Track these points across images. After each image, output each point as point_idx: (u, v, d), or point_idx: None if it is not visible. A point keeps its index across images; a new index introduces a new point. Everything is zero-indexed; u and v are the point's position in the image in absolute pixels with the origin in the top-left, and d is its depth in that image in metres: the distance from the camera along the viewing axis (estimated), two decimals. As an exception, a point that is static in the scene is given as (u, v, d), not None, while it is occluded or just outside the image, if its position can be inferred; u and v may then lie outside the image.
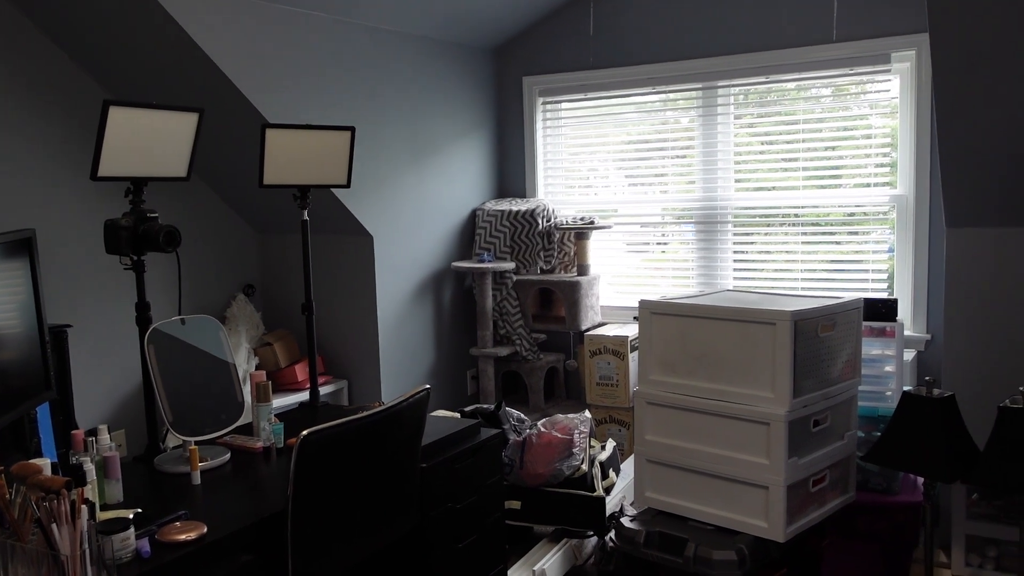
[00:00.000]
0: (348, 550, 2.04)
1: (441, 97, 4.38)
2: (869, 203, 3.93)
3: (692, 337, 2.83)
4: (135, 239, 2.28)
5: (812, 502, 2.82)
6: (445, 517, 2.42)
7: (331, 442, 1.90)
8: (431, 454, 2.41)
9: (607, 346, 4.12)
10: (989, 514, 2.78)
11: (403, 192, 4.16)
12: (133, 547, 1.72)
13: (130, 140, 2.24)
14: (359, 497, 2.02)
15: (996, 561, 2.80)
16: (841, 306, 2.86)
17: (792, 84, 4.07)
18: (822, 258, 4.07)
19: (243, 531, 1.89)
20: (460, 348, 4.61)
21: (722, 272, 4.33)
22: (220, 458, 2.33)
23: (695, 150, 4.35)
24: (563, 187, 4.77)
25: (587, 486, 3.27)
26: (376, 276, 4.03)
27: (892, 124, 3.86)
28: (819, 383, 2.77)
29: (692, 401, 2.83)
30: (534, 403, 4.43)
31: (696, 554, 2.68)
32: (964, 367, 2.98)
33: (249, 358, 3.90)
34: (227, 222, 4.11)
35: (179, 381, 2.29)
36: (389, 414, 2.04)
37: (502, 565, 2.71)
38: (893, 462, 2.72)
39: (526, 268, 4.50)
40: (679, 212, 4.43)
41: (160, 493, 2.14)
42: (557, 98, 4.69)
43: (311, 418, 2.76)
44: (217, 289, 4.07)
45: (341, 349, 4.17)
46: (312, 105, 3.60)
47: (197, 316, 2.41)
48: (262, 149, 2.71)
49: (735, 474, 2.74)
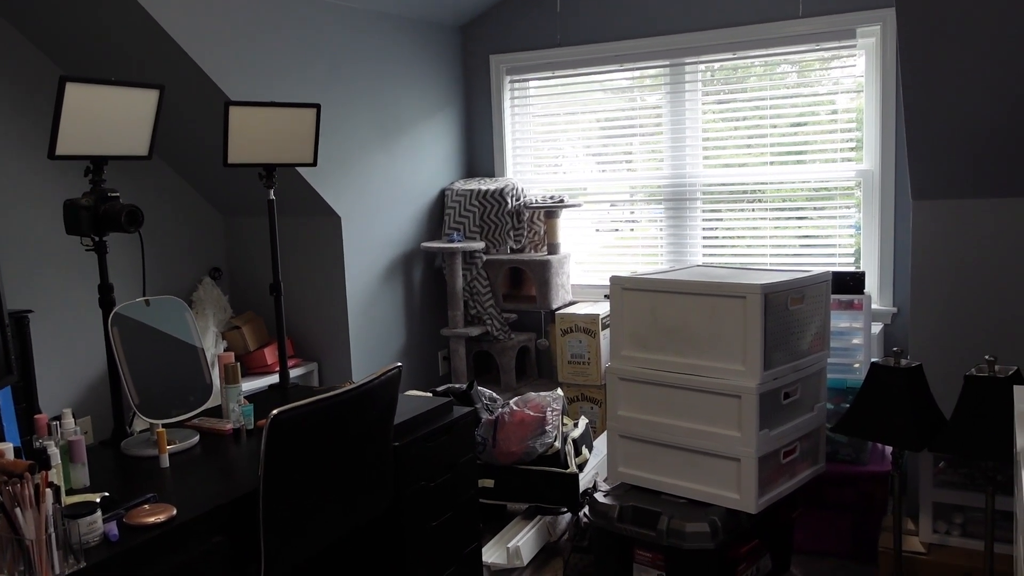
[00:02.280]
0: (321, 529, 2.02)
1: (408, 76, 4.33)
2: (836, 178, 3.96)
3: (663, 312, 2.83)
4: (96, 219, 2.23)
5: (783, 473, 2.85)
6: (419, 495, 2.41)
7: (302, 421, 1.87)
8: (403, 433, 2.39)
9: (578, 324, 4.12)
10: (956, 481, 2.82)
11: (371, 172, 4.11)
12: (100, 531, 1.69)
13: (89, 118, 2.19)
14: (331, 476, 2.00)
15: (962, 527, 2.84)
16: (810, 279, 2.88)
17: (759, 63, 4.08)
18: (790, 235, 4.09)
19: (214, 512, 1.87)
20: (431, 329, 4.59)
21: (691, 249, 4.35)
22: (189, 441, 2.30)
23: (663, 129, 4.35)
24: (532, 167, 4.75)
25: (560, 463, 3.28)
26: (345, 257, 3.99)
27: (857, 104, 3.89)
28: (789, 356, 2.79)
29: (664, 376, 2.84)
30: (506, 383, 4.42)
31: (669, 527, 2.69)
32: (931, 338, 3.01)
33: (217, 342, 3.85)
34: (192, 205, 4.04)
35: (145, 363, 2.25)
36: (361, 392, 2.01)
37: (476, 543, 2.71)
38: (862, 432, 2.75)
39: (496, 248, 4.48)
40: (648, 190, 4.43)
41: (127, 477, 2.10)
42: (524, 76, 4.66)
43: (281, 399, 2.73)
44: (183, 273, 4.01)
45: (310, 332, 4.13)
46: (275, 84, 3.54)
47: (162, 297, 2.36)
48: (226, 127, 2.66)
49: (707, 447, 2.76)
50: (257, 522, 1.86)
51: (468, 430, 2.68)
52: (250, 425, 2.44)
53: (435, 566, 2.50)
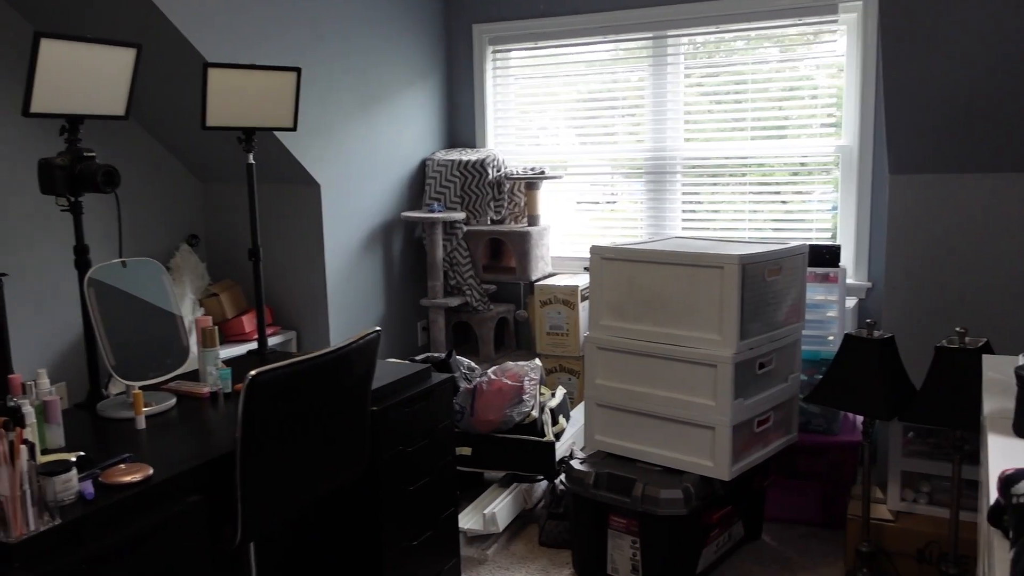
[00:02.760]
0: (298, 492, 2.03)
1: (390, 43, 4.29)
2: (815, 153, 3.98)
3: (642, 282, 2.85)
4: (72, 179, 2.21)
5: (756, 442, 2.89)
6: (396, 460, 2.42)
7: (280, 383, 1.88)
8: (381, 398, 2.40)
9: (557, 296, 4.14)
10: (923, 451, 2.87)
11: (351, 140, 4.09)
12: (76, 489, 1.69)
13: (64, 75, 2.16)
14: (309, 439, 2.01)
15: (929, 496, 2.90)
16: (787, 251, 2.91)
17: (741, 39, 4.08)
18: (769, 210, 4.12)
19: (190, 472, 1.87)
20: (410, 299, 4.59)
21: (671, 223, 4.37)
22: (165, 403, 2.30)
23: (645, 102, 4.34)
24: (513, 139, 4.73)
25: (537, 432, 3.31)
26: (324, 226, 3.98)
27: (838, 84, 3.90)
28: (765, 326, 2.82)
29: (641, 345, 2.86)
30: (484, 353, 4.44)
31: (644, 493, 2.73)
32: (904, 310, 3.05)
33: (195, 309, 3.83)
34: (168, 170, 4.00)
35: (121, 325, 2.24)
36: (339, 355, 2.02)
37: (453, 509, 2.73)
38: (834, 402, 2.79)
39: (476, 218, 4.48)
40: (629, 165, 4.43)
41: (103, 438, 2.10)
42: (507, 47, 4.64)
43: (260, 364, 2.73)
44: (160, 240, 3.98)
45: (289, 300, 4.12)
46: (254, 47, 3.50)
47: (139, 259, 2.35)
48: (204, 90, 2.63)
49: (683, 415, 2.79)
50: (234, 483, 1.87)
51: (446, 397, 2.69)
52: (227, 389, 2.44)
53: (411, 530, 2.52)
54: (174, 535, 1.77)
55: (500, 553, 3.18)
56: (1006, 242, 2.90)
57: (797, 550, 3.14)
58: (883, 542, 2.88)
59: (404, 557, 2.48)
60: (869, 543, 2.83)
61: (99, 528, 1.65)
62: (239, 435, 1.83)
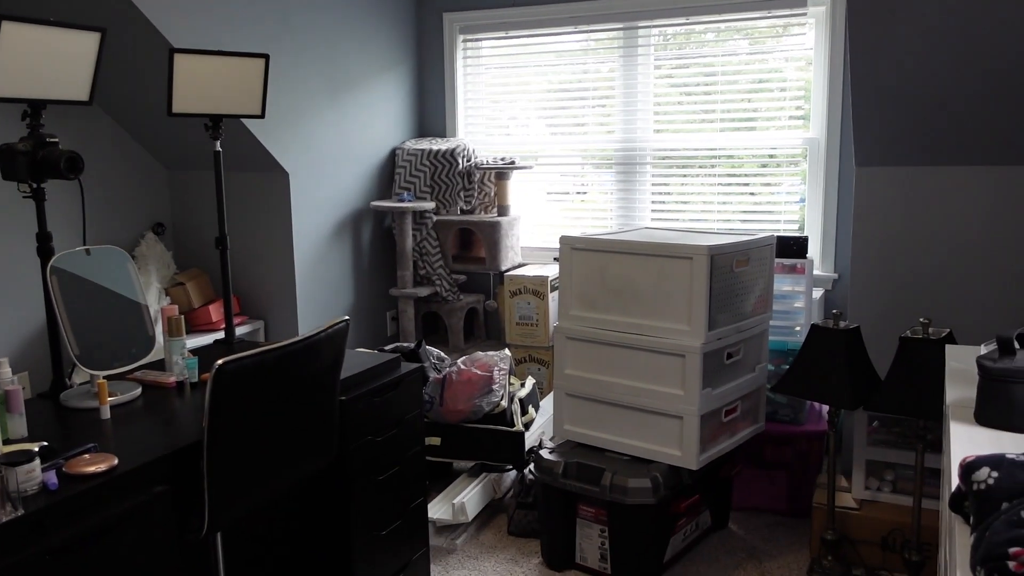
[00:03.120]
0: (266, 481, 2.01)
1: (360, 31, 4.26)
2: (783, 145, 4.02)
3: (611, 272, 2.86)
4: (34, 165, 2.16)
5: (724, 431, 2.91)
6: (365, 450, 2.41)
7: (248, 372, 1.86)
8: (350, 387, 2.39)
9: (527, 286, 4.14)
10: (888, 440, 2.92)
11: (320, 129, 4.05)
12: (39, 479, 1.66)
13: (26, 59, 2.11)
14: (277, 428, 2.00)
15: (893, 484, 2.95)
16: (755, 242, 2.93)
17: (711, 31, 4.10)
18: (736, 207, 4.15)
19: (156, 463, 1.85)
20: (380, 288, 4.57)
21: (640, 214, 4.39)
22: (131, 393, 2.26)
23: (615, 96, 4.35)
24: (483, 130, 4.72)
25: (507, 422, 3.31)
26: (292, 215, 3.94)
27: (806, 77, 3.94)
28: (733, 317, 2.85)
29: (610, 335, 2.88)
30: (454, 343, 4.43)
31: (613, 482, 2.74)
32: (869, 300, 3.09)
33: (160, 298, 3.78)
34: (133, 157, 3.94)
35: (85, 313, 2.20)
36: (307, 344, 2.00)
37: (422, 498, 2.73)
38: (800, 391, 2.82)
39: (446, 208, 4.47)
40: (599, 156, 4.44)
41: (67, 428, 2.06)
42: (478, 36, 4.62)
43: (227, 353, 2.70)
44: (125, 228, 3.92)
45: (257, 289, 4.08)
46: (222, 33, 3.45)
47: (103, 247, 2.31)
48: (170, 76, 2.59)
49: (651, 405, 2.81)
50: (200, 473, 1.85)
51: (416, 386, 2.68)
52: (194, 378, 2.41)
53: (380, 520, 2.51)
54: (140, 525, 1.75)
55: (469, 543, 3.19)
56: (969, 234, 2.95)
57: (763, 538, 3.18)
58: (848, 530, 2.93)
59: (373, 547, 2.48)
60: (834, 531, 2.88)
61: (63, 519, 1.63)
62: (206, 425, 1.81)
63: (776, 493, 3.34)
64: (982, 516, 1.17)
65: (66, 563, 1.59)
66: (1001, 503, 1.16)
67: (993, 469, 1.21)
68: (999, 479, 1.20)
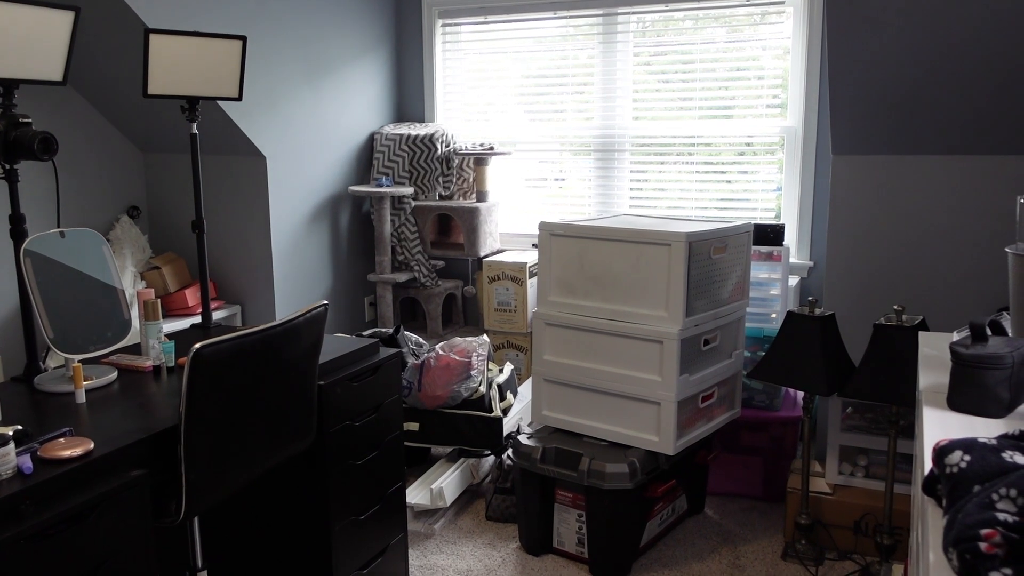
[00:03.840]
0: (243, 466, 2.01)
1: (338, 14, 4.22)
2: (760, 133, 4.04)
3: (590, 258, 2.87)
4: (7, 146, 2.13)
5: (701, 417, 2.94)
6: (342, 434, 2.41)
7: (225, 356, 1.85)
8: (328, 372, 2.38)
9: (506, 272, 4.14)
10: (861, 426, 2.96)
11: (298, 113, 4.02)
12: (13, 463, 1.65)
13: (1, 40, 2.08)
14: (254, 413, 1.99)
15: (866, 469, 2.99)
16: (733, 229, 2.95)
17: (689, 19, 4.11)
18: (713, 195, 4.17)
19: (133, 447, 1.83)
20: (358, 274, 4.55)
21: (619, 202, 4.40)
22: (106, 377, 2.24)
23: (594, 83, 4.35)
24: (462, 114, 4.70)
25: (485, 407, 3.32)
26: (270, 199, 3.91)
27: (784, 65, 3.96)
28: (710, 303, 2.87)
29: (589, 321, 2.89)
30: (432, 329, 4.43)
31: (590, 468, 2.76)
32: (844, 288, 3.13)
33: (136, 282, 3.74)
34: (108, 139, 3.89)
35: (59, 297, 2.17)
36: (285, 329, 1.99)
37: (400, 483, 2.73)
38: (776, 378, 2.85)
39: (425, 194, 4.45)
40: (577, 143, 4.44)
41: (42, 412, 2.04)
42: (457, 20, 4.60)
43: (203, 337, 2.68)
44: (99, 211, 3.87)
45: (234, 274, 4.05)
46: (198, 14, 3.41)
47: (77, 229, 2.28)
48: (146, 57, 2.56)
49: (629, 391, 2.83)
50: (177, 458, 1.84)
51: (394, 371, 2.68)
52: (171, 363, 2.39)
53: (358, 505, 2.51)
54: (116, 510, 1.74)
55: (447, 528, 3.20)
56: (943, 222, 2.99)
57: (738, 523, 3.22)
58: (821, 514, 2.96)
59: (351, 531, 2.48)
60: (808, 515, 2.91)
61: (38, 503, 1.61)
62: (183, 409, 1.80)
63: (751, 478, 3.37)
64: (954, 499, 1.19)
65: (41, 548, 1.58)
66: (973, 486, 1.18)
67: (965, 453, 1.23)
68: (971, 462, 1.22)
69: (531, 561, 2.96)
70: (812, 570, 2.87)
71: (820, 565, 2.90)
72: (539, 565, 2.93)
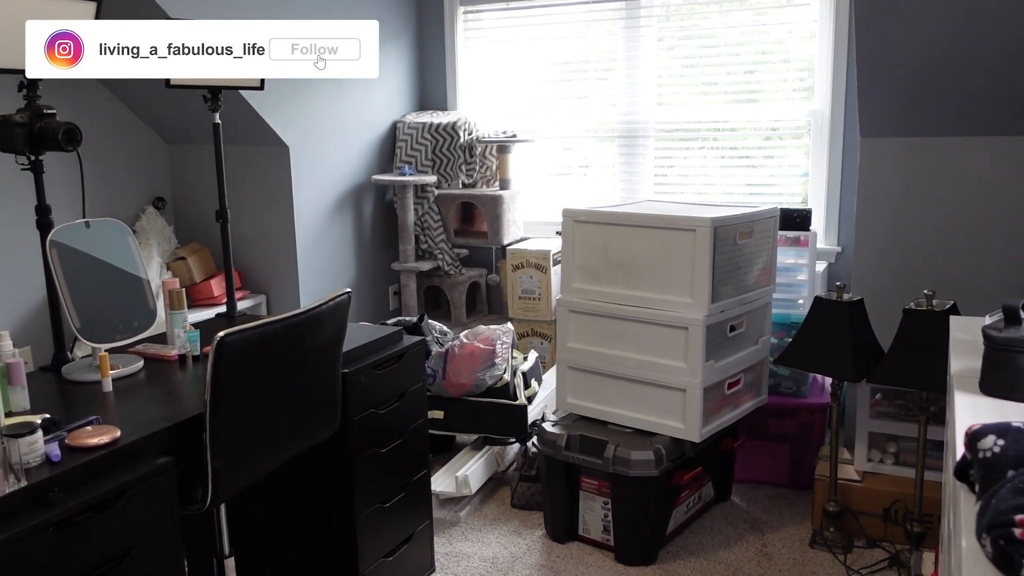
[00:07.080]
0: (268, 454, 2.01)
1: (359, 2, 4.21)
2: (786, 118, 3.98)
3: (614, 245, 2.85)
4: (32, 137, 2.14)
5: (726, 404, 2.91)
6: (367, 422, 2.41)
7: (249, 345, 1.85)
8: (353, 360, 2.38)
9: (529, 260, 4.13)
10: (890, 412, 2.92)
11: (320, 102, 4.02)
12: (42, 451, 1.66)
13: (20, 29, 2.09)
14: (279, 401, 1.99)
15: (896, 456, 2.95)
16: (759, 214, 2.91)
17: (713, 6, 4.05)
18: (739, 180, 4.12)
19: (159, 434, 1.85)
20: (381, 263, 4.56)
21: (643, 189, 4.36)
22: (133, 366, 2.26)
23: (617, 69, 4.31)
24: (485, 102, 4.68)
25: (509, 395, 3.31)
26: (293, 189, 3.92)
27: (810, 49, 3.89)
28: (736, 289, 2.84)
29: (613, 308, 2.87)
30: (456, 318, 4.43)
31: (616, 455, 2.75)
32: (873, 273, 3.08)
33: (161, 272, 3.77)
34: (133, 131, 3.91)
35: (86, 287, 2.19)
36: (309, 317, 1.99)
37: (425, 471, 2.73)
38: (803, 364, 2.82)
39: (448, 182, 4.44)
40: (601, 130, 4.41)
41: (69, 401, 2.06)
42: (478, 7, 4.57)
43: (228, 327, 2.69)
44: (125, 202, 3.90)
45: (258, 264, 4.07)
46: (218, 2, 3.41)
47: (103, 219, 2.30)
48: (168, 46, 2.56)
49: (654, 378, 2.81)
50: (203, 446, 1.85)
51: (418, 359, 2.68)
52: (196, 352, 2.40)
53: (384, 492, 2.52)
54: (143, 497, 1.75)
55: (472, 515, 3.20)
56: (973, 205, 2.93)
57: (766, 510, 3.19)
58: (850, 502, 2.93)
59: (376, 519, 2.48)
60: (836, 503, 2.88)
61: (66, 491, 1.63)
62: (208, 397, 1.80)
63: (778, 466, 3.34)
64: (988, 484, 1.17)
65: (69, 535, 1.59)
66: (1007, 471, 1.15)
67: (999, 437, 1.20)
68: (1005, 447, 1.19)
69: (557, 548, 2.95)
70: (840, 558, 2.84)
71: (849, 553, 2.87)
72: (564, 552, 2.93)
